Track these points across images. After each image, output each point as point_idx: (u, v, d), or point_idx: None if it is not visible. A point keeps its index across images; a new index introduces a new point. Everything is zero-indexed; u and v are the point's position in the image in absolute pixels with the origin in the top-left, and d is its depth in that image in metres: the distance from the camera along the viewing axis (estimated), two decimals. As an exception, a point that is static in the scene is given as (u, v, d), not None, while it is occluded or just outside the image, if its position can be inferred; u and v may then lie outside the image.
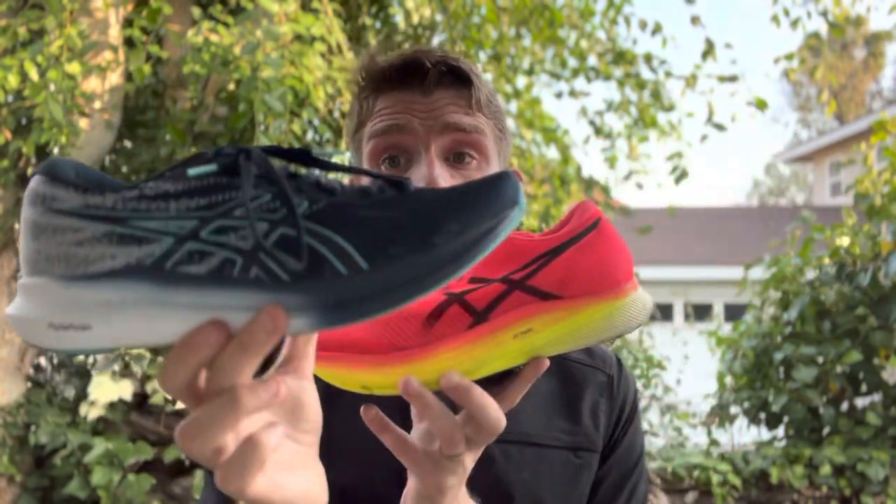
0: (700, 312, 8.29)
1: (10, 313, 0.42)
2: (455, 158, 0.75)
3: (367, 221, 0.42)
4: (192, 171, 0.42)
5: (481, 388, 0.54)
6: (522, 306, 0.56)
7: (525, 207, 0.46)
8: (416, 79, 0.75)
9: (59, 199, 0.41)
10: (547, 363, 0.58)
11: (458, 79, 0.76)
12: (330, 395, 0.77)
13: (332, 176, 0.49)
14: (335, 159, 0.48)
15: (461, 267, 0.42)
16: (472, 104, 0.75)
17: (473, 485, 0.73)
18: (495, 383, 0.58)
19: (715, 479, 3.96)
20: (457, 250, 0.42)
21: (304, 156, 0.46)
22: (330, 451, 0.74)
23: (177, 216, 0.41)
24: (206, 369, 0.41)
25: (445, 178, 0.73)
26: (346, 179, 0.83)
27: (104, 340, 0.40)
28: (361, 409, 0.59)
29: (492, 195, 0.44)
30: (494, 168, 0.78)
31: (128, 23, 3.42)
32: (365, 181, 0.69)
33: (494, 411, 0.55)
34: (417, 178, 0.72)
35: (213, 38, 3.08)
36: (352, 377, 0.56)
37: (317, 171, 0.46)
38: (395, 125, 0.74)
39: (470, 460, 0.59)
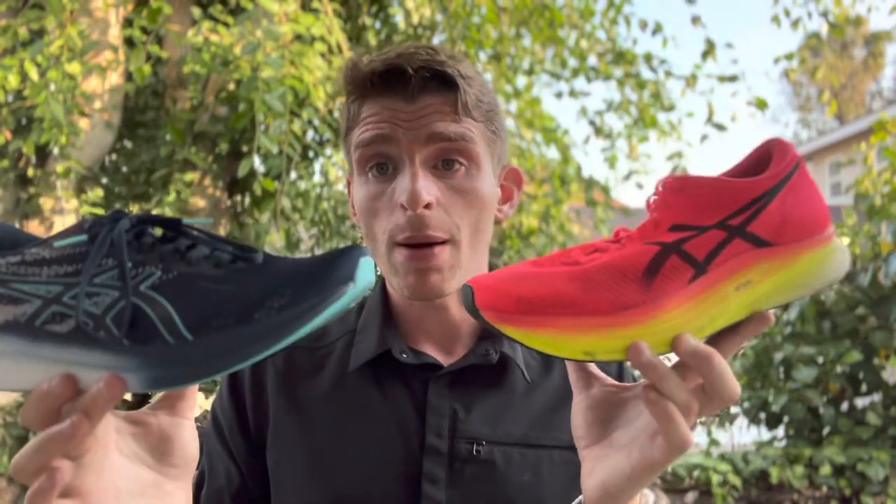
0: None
1: None
2: (443, 166, 0.74)
3: (202, 293, 0.46)
4: (58, 243, 0.48)
5: (720, 354, 0.50)
6: (739, 255, 0.52)
7: (368, 282, 0.46)
8: (400, 85, 0.73)
9: None
10: (772, 318, 0.54)
11: (443, 83, 0.73)
12: (328, 401, 0.77)
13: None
14: (202, 227, 0.51)
15: (281, 340, 0.44)
16: (459, 109, 0.73)
17: (473, 490, 0.72)
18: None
19: (715, 479, 3.96)
20: (276, 325, 0.44)
21: (174, 224, 0.50)
22: (324, 462, 0.74)
23: (46, 281, 0.47)
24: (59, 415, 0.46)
25: (430, 191, 0.71)
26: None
27: None
28: (569, 366, 0.56)
29: (324, 273, 0.46)
30: (486, 172, 0.76)
31: (128, 23, 3.42)
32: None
33: (732, 381, 0.50)
34: (401, 189, 0.71)
35: (213, 38, 3.08)
36: (573, 343, 0.50)
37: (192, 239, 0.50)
38: (379, 136, 0.73)
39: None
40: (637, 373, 0.62)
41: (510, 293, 0.50)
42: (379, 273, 0.80)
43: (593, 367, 0.58)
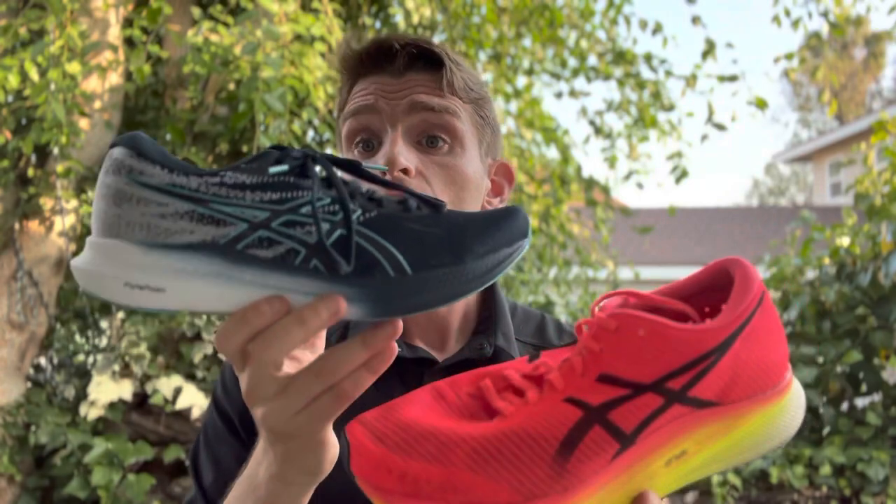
0: (700, 312, 8.27)
1: (79, 267, 0.46)
2: (428, 143, 0.74)
3: (412, 233, 0.48)
4: (271, 170, 0.48)
5: None
6: (674, 421, 0.44)
7: (530, 239, 0.52)
8: (388, 62, 0.75)
9: (146, 173, 0.47)
10: None
11: (430, 62, 0.76)
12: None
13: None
14: (379, 174, 0.54)
15: (483, 283, 0.49)
16: (444, 86, 0.75)
17: None
18: None
19: (715, 478, 3.96)
20: (481, 269, 0.49)
21: (354, 167, 0.52)
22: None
23: (251, 205, 0.47)
24: (258, 338, 0.47)
25: (408, 158, 0.72)
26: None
27: (174, 303, 0.46)
28: None
29: (509, 225, 0.51)
30: (472, 155, 0.77)
31: (128, 23, 3.42)
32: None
33: None
34: (382, 157, 0.72)
35: (213, 38, 3.08)
36: None
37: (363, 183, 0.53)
38: (364, 106, 0.75)
39: None
40: None
41: (393, 467, 0.42)
42: None
43: None
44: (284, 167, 0.48)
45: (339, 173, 0.51)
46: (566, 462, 0.42)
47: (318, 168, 0.49)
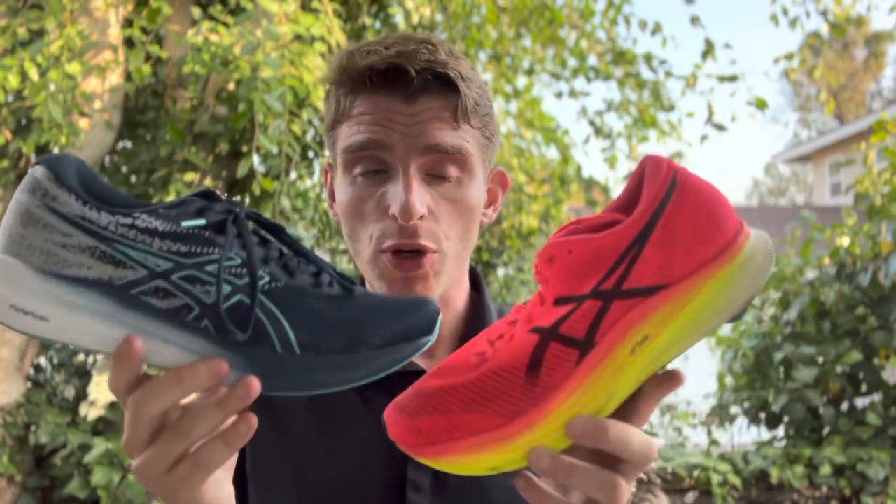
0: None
1: None
2: (436, 173, 0.71)
3: (312, 312, 0.49)
4: (185, 224, 0.47)
5: (614, 420, 0.48)
6: (626, 315, 0.47)
7: (435, 336, 0.52)
8: (399, 85, 0.69)
9: (59, 200, 0.46)
10: (683, 378, 0.50)
11: (444, 84, 0.70)
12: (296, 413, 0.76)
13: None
14: (305, 243, 0.54)
15: (375, 374, 0.50)
16: (458, 115, 0.70)
17: (457, 498, 0.72)
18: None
19: (715, 479, 3.96)
20: (375, 363, 0.49)
21: (278, 231, 0.51)
22: (305, 471, 0.73)
23: (156, 253, 0.46)
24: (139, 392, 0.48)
25: (423, 201, 0.69)
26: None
27: (55, 334, 0.46)
28: (517, 482, 0.51)
29: (415, 320, 0.51)
30: (478, 180, 0.74)
31: (128, 23, 3.42)
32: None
33: (637, 443, 0.48)
34: (394, 198, 0.69)
35: (213, 38, 3.08)
36: (477, 462, 0.48)
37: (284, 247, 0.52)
38: (373, 140, 0.69)
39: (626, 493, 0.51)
40: None
41: (410, 427, 0.49)
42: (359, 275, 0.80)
43: (534, 482, 0.52)
44: (201, 221, 0.48)
45: (262, 232, 0.50)
46: (536, 379, 0.48)
47: (234, 227, 0.49)
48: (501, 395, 0.48)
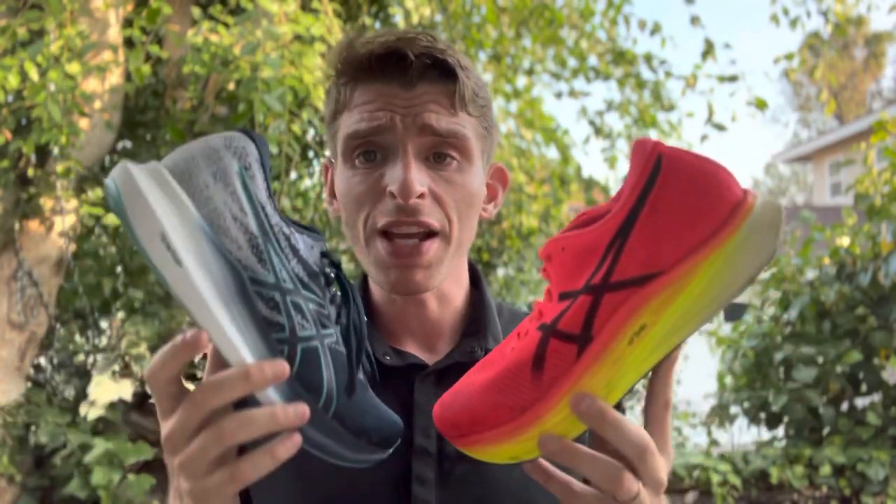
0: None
1: (140, 186, 0.47)
2: (435, 158, 0.72)
3: (365, 404, 0.56)
4: (315, 262, 0.54)
5: (611, 407, 0.50)
6: (622, 306, 0.47)
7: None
8: (398, 71, 0.70)
9: (255, 181, 0.50)
10: (674, 356, 0.51)
11: (443, 72, 0.71)
12: None
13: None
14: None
15: (354, 465, 0.55)
16: (456, 102, 0.71)
17: (462, 490, 0.72)
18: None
19: (715, 479, 3.96)
20: (364, 455, 0.55)
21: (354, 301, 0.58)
22: (309, 466, 0.72)
23: (290, 270, 0.51)
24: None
25: (422, 181, 0.69)
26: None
27: (175, 281, 0.46)
28: (525, 464, 0.55)
29: (388, 433, 0.57)
30: (477, 168, 0.74)
31: (128, 23, 3.42)
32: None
33: (629, 432, 0.50)
34: (392, 178, 0.69)
35: (213, 38, 3.08)
36: (499, 452, 0.53)
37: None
38: (373, 127, 0.70)
39: (649, 494, 0.52)
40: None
41: (447, 420, 0.55)
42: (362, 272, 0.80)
43: (546, 467, 0.56)
44: (326, 269, 0.55)
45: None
46: (541, 374, 0.50)
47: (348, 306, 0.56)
48: (513, 391, 0.51)
